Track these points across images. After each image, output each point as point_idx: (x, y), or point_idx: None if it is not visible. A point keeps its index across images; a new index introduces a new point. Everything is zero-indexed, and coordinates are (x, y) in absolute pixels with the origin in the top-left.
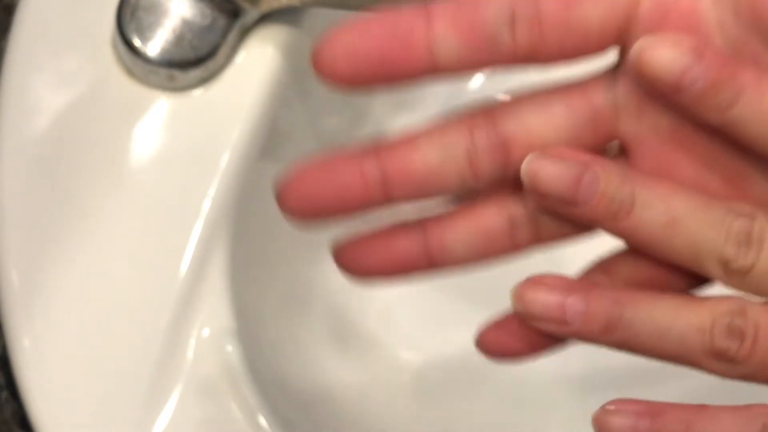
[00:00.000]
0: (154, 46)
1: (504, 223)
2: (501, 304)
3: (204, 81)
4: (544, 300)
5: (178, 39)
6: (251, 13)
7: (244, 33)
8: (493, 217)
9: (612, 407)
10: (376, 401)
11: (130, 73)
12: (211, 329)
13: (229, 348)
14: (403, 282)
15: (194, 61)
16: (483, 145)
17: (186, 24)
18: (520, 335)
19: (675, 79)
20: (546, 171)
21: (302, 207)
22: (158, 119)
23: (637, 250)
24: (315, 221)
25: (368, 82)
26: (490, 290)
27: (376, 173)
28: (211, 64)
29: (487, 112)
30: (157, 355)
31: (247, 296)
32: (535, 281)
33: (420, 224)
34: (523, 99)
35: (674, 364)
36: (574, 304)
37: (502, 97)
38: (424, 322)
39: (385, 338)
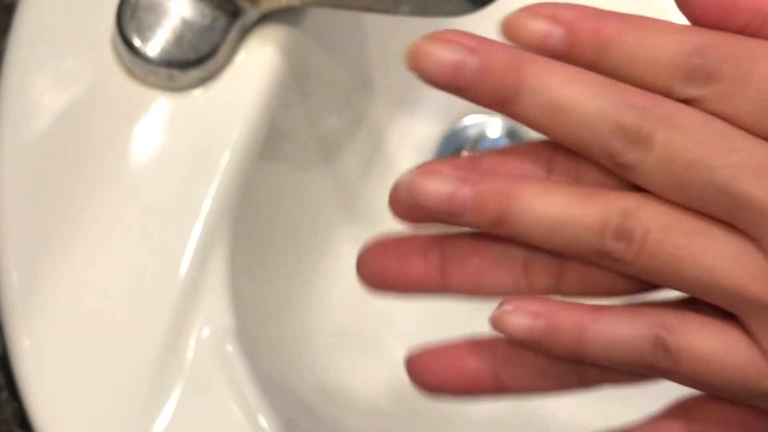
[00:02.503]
0: (154, 46)
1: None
2: None
3: (204, 81)
4: (435, 190)
5: (178, 39)
6: (251, 13)
7: (244, 33)
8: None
9: (509, 307)
10: (376, 401)
11: (130, 73)
12: (211, 329)
13: (229, 348)
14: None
15: (194, 61)
16: (541, 259)
17: (186, 24)
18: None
19: (540, 44)
20: (428, 57)
21: (372, 281)
22: (158, 119)
23: None
24: (383, 294)
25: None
26: None
27: (437, 262)
28: (211, 64)
29: None
30: (157, 355)
31: (247, 296)
32: (427, 170)
33: (490, 345)
34: None
35: (569, 257)
36: (464, 197)
37: None
38: (424, 322)
39: (385, 338)
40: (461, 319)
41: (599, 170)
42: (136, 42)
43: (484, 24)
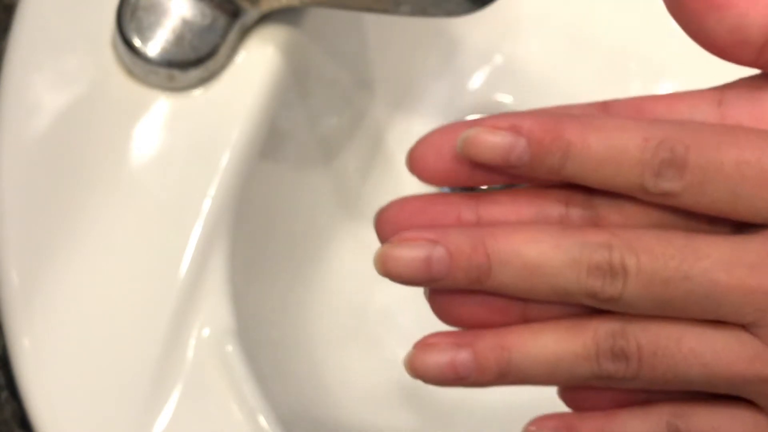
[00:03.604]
0: (154, 46)
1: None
2: None
3: (204, 81)
4: (436, 363)
5: (178, 39)
6: (251, 13)
7: (244, 33)
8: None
9: (533, 427)
10: (376, 401)
11: (130, 73)
12: (211, 329)
13: (229, 348)
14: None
15: (194, 61)
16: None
17: (186, 24)
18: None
19: (503, 160)
20: (396, 261)
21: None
22: (158, 119)
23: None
24: None
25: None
26: None
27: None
28: (211, 64)
29: None
30: (157, 355)
31: (247, 296)
32: (422, 344)
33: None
34: None
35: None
36: (464, 361)
37: None
38: (424, 322)
39: (385, 338)
40: None
41: (612, 198)
42: (136, 42)
43: (485, 24)
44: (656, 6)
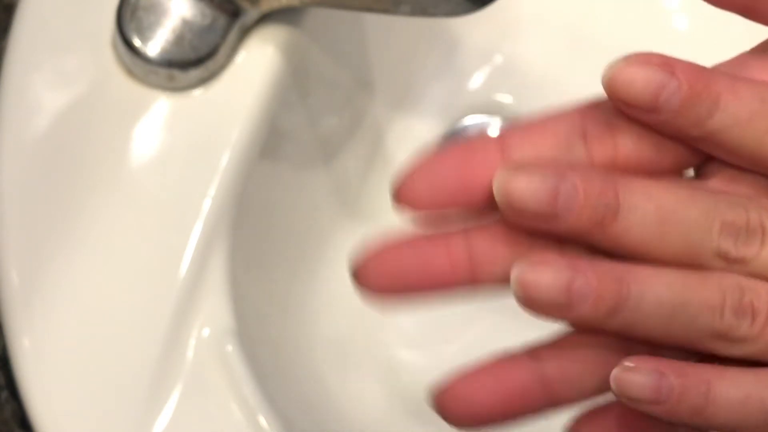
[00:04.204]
0: (154, 46)
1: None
2: (501, 304)
3: (204, 81)
4: (548, 283)
5: (178, 39)
6: (251, 13)
7: (244, 33)
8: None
9: (631, 364)
10: (376, 401)
11: (130, 73)
12: (211, 329)
13: (229, 348)
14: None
15: (194, 61)
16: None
17: (186, 24)
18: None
19: (650, 99)
20: (520, 185)
21: (382, 284)
22: (158, 119)
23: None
24: (395, 298)
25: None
26: None
27: (462, 254)
28: (211, 64)
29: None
30: (157, 355)
31: (247, 296)
32: (534, 262)
33: (533, 355)
34: None
35: (669, 345)
36: (582, 286)
37: None
38: (424, 322)
39: (385, 338)
40: (461, 320)
41: (634, 130)
42: (136, 42)
43: (485, 24)
44: (656, 6)
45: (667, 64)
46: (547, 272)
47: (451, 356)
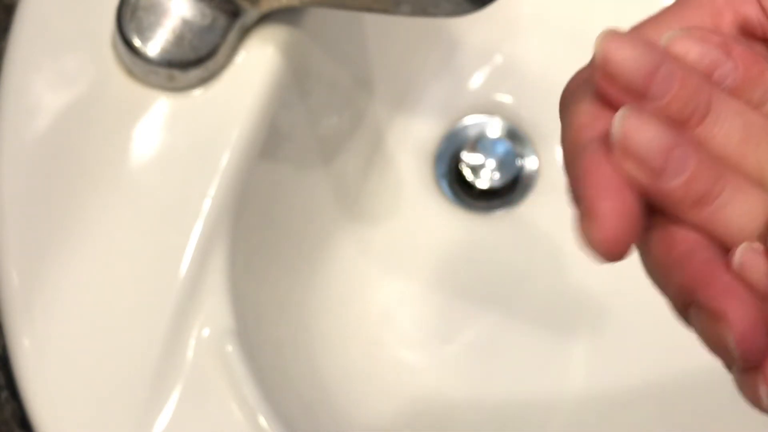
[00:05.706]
0: (154, 46)
1: None
2: (501, 304)
3: (204, 81)
4: (648, 137)
5: (178, 39)
6: (251, 13)
7: (244, 33)
8: None
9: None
10: (376, 401)
11: (130, 73)
12: (211, 329)
13: (229, 348)
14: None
15: (194, 61)
16: None
17: (186, 24)
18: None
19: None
20: (622, 52)
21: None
22: (158, 119)
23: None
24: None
25: None
26: (489, 290)
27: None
28: (211, 64)
29: None
30: (157, 355)
31: (247, 296)
32: (640, 112)
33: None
34: None
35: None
36: (681, 155)
37: None
38: (424, 322)
39: (385, 338)
40: (461, 319)
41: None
42: (136, 42)
43: (485, 24)
44: (656, 6)
45: (725, 44)
46: (650, 127)
47: (451, 356)
